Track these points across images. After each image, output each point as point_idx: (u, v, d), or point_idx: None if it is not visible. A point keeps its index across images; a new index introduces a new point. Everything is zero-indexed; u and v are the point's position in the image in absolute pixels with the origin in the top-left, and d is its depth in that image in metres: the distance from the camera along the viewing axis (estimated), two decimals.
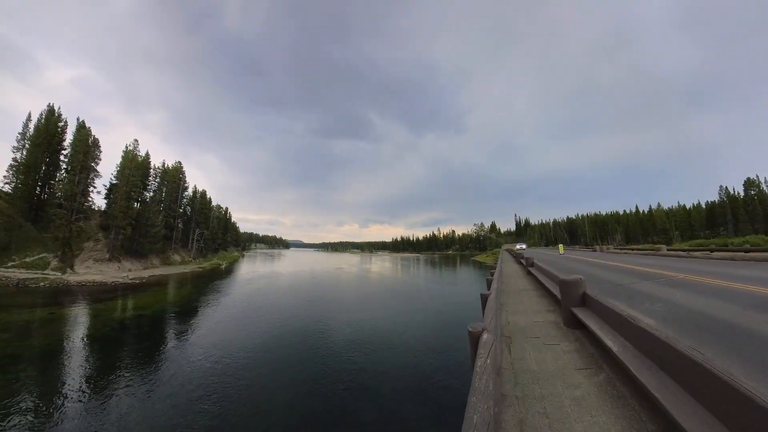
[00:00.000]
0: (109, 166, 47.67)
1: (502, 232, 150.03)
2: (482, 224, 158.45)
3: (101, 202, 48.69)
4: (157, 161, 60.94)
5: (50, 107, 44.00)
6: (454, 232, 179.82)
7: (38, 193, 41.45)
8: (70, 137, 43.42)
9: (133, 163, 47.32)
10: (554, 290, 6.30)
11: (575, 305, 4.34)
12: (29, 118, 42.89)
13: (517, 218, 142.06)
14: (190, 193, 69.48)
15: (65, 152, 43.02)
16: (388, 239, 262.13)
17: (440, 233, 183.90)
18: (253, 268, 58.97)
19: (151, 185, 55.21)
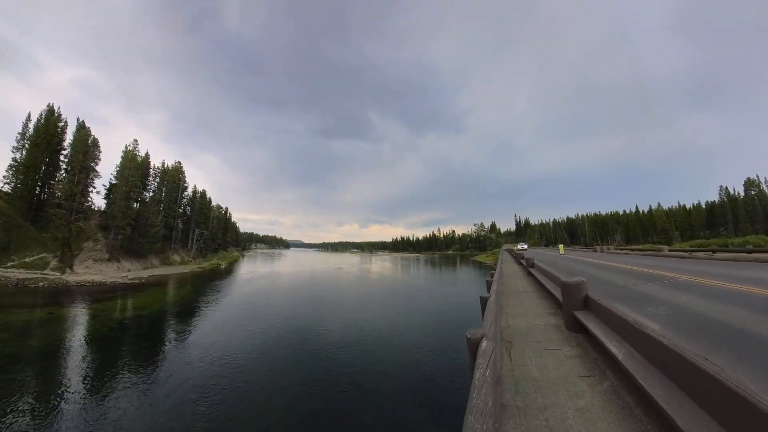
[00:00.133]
0: (109, 166, 47.79)
1: (502, 232, 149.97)
2: (482, 224, 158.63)
3: (101, 202, 48.72)
4: (157, 161, 61.04)
5: (50, 107, 43.94)
6: (454, 232, 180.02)
7: (38, 193, 41.40)
8: (70, 137, 43.40)
9: (132, 163, 47.28)
10: (555, 292, 6.20)
11: (577, 308, 4.24)
12: (29, 118, 42.85)
13: (517, 218, 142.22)
14: (189, 193, 69.48)
15: (65, 152, 42.97)
16: (388, 239, 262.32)
17: (440, 233, 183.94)
18: (252, 268, 58.91)
19: (150, 185, 55.18)
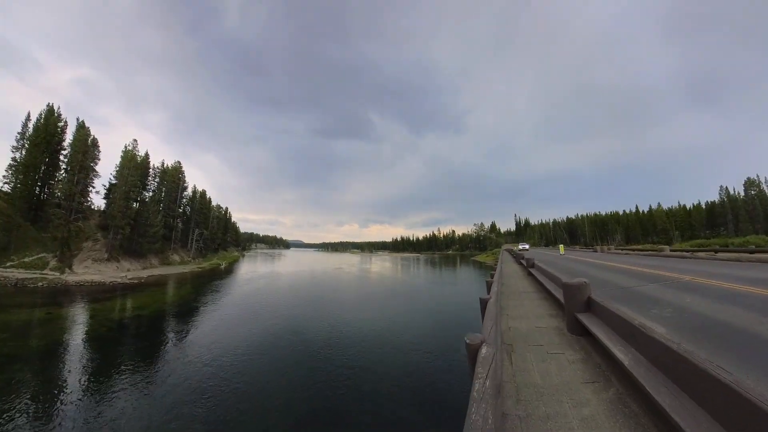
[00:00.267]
0: (109, 166, 47.67)
1: (502, 232, 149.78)
2: (482, 224, 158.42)
3: (101, 202, 48.64)
4: (157, 161, 60.88)
5: (49, 107, 43.83)
6: (454, 232, 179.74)
7: (38, 193, 41.29)
8: (70, 137, 43.28)
9: (132, 162, 47.18)
10: (556, 293, 6.09)
11: (580, 310, 4.13)
12: (28, 117, 42.74)
13: (517, 218, 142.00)
14: (189, 192, 69.32)
15: (65, 152, 42.86)
16: (388, 239, 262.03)
17: (440, 233, 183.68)
18: (252, 268, 58.80)
19: (150, 185, 55.07)
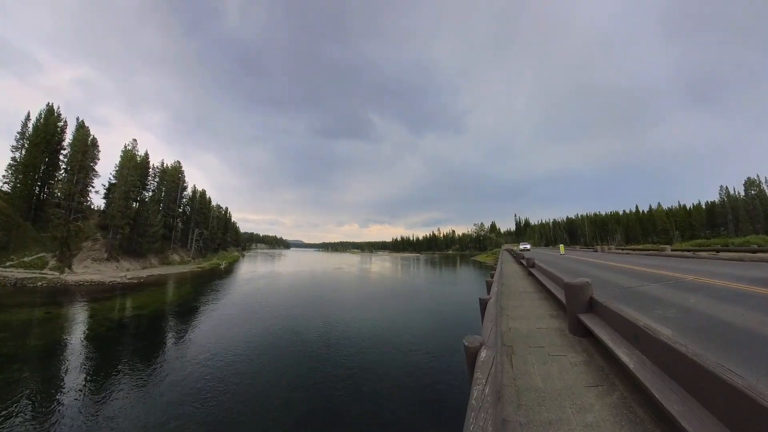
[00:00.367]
0: (109, 165, 47.62)
1: (502, 232, 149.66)
2: (482, 224, 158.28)
3: (101, 201, 48.61)
4: (158, 161, 60.84)
5: (49, 107, 43.76)
6: (454, 232, 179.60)
7: (37, 192, 41.24)
8: (69, 137, 43.22)
9: (131, 162, 47.12)
10: (557, 293, 6.01)
11: (582, 311, 4.04)
12: (28, 117, 42.65)
13: (517, 218, 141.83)
14: (189, 192, 69.26)
15: (64, 152, 42.80)
16: (388, 239, 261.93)
17: (440, 233, 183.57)
18: (252, 268, 58.73)
19: (150, 185, 55.02)
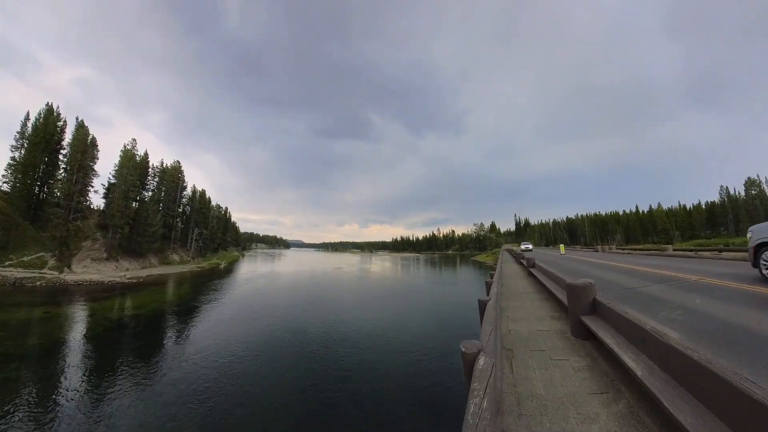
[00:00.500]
0: (109, 165, 47.57)
1: (501, 232, 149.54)
2: (482, 224, 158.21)
3: (100, 201, 48.57)
4: (158, 161, 60.83)
5: (48, 106, 43.70)
6: (453, 232, 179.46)
7: (37, 192, 41.20)
8: (69, 137, 43.18)
9: (131, 162, 47.05)
10: (558, 293, 5.88)
11: (584, 313, 3.91)
12: (27, 117, 42.59)
13: (516, 218, 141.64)
14: (189, 192, 69.20)
15: (64, 151, 42.74)
16: (388, 239, 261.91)
17: (440, 233, 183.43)
18: (252, 267, 58.64)
19: (149, 185, 54.97)
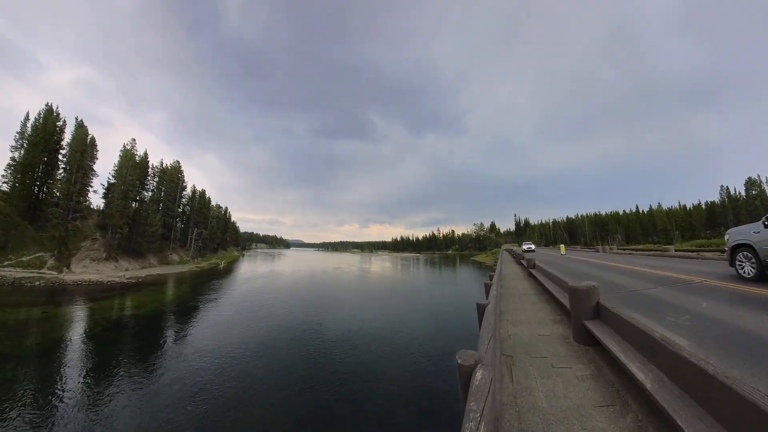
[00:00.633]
0: (110, 165, 47.44)
1: (501, 232, 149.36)
2: (482, 224, 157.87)
3: (100, 201, 48.48)
4: (158, 161, 60.74)
5: (48, 107, 43.61)
6: (453, 232, 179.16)
7: (36, 192, 41.12)
8: (69, 137, 43.09)
9: (130, 162, 46.94)
10: (559, 296, 5.74)
11: (587, 317, 3.76)
12: (27, 117, 42.53)
13: (516, 218, 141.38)
14: (188, 192, 69.08)
15: (63, 151, 42.65)
16: (388, 239, 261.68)
17: (440, 233, 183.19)
18: (251, 267, 58.51)
19: (149, 185, 54.86)
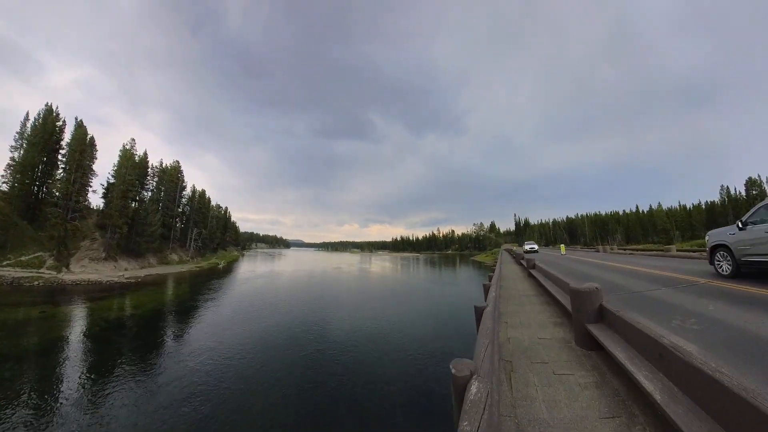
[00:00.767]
0: (110, 165, 47.31)
1: (501, 231, 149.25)
2: (482, 224, 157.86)
3: (99, 201, 48.40)
4: (158, 161, 60.67)
5: (48, 107, 43.56)
6: (453, 231, 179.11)
7: (35, 192, 41.09)
8: (68, 136, 43.05)
9: (130, 162, 46.87)
10: (560, 297, 5.60)
11: (590, 321, 3.62)
12: (27, 117, 42.52)
13: (516, 218, 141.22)
14: (188, 192, 68.99)
15: (63, 151, 42.61)
16: (388, 239, 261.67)
17: (440, 233, 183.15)
18: (251, 267, 58.41)
19: (148, 185, 54.79)
